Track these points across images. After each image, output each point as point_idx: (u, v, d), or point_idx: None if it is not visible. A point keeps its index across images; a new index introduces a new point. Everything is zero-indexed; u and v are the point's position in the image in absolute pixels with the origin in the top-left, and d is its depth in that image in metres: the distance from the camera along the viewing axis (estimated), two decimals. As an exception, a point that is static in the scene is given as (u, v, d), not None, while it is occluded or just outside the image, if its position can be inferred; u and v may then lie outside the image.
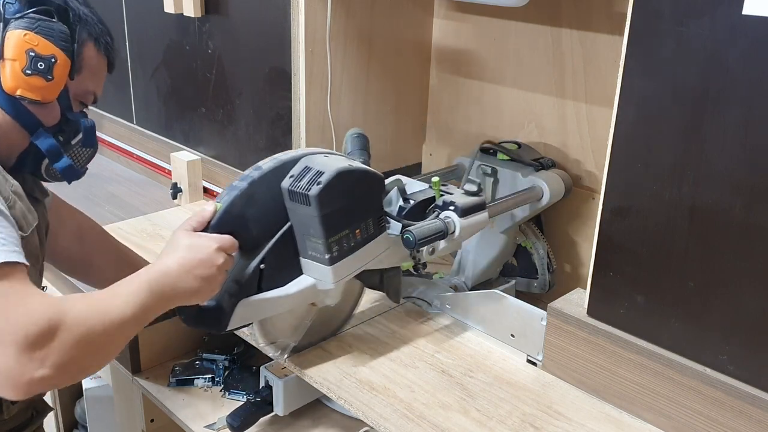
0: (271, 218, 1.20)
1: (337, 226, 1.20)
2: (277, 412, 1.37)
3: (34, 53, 1.07)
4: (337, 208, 1.19)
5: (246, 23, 1.85)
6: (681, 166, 1.09)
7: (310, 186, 1.16)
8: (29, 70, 1.07)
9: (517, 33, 1.75)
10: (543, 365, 1.35)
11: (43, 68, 1.08)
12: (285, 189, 1.19)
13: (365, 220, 1.26)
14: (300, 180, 1.18)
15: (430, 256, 1.36)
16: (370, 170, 1.27)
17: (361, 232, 1.25)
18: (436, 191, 1.40)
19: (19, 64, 1.06)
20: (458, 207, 1.35)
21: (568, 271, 1.75)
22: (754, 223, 1.03)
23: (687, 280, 1.12)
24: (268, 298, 1.21)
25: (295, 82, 1.75)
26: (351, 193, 1.22)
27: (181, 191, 2.10)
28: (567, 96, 1.68)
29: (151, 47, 2.21)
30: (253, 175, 1.19)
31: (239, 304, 1.17)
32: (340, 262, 1.23)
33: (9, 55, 1.06)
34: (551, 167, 1.64)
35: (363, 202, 1.26)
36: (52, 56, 1.09)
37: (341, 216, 1.21)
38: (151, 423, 1.61)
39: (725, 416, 1.11)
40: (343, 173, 1.19)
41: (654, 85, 1.09)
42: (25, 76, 1.07)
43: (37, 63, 1.07)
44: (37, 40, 1.07)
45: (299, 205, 1.18)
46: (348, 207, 1.22)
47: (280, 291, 1.22)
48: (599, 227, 1.22)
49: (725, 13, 0.99)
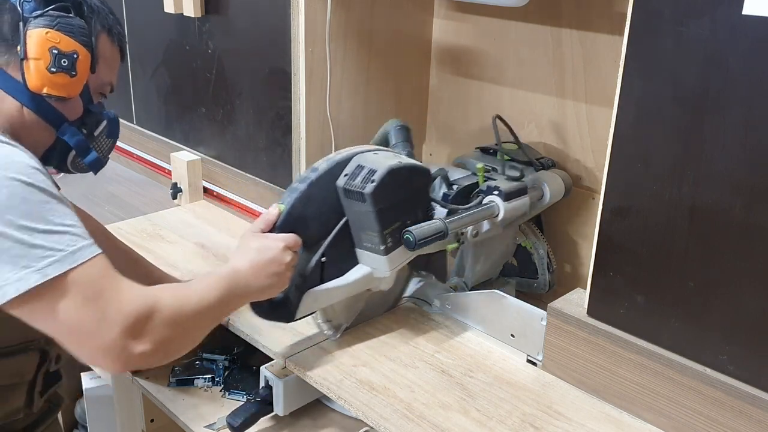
0: (328, 215, 1.31)
1: (390, 219, 1.30)
2: (277, 412, 1.37)
3: (57, 51, 1.08)
4: (389, 203, 1.29)
5: (246, 23, 1.85)
6: (681, 166, 1.09)
7: (364, 184, 1.26)
8: (54, 68, 1.08)
9: (517, 33, 1.74)
10: (543, 365, 1.35)
11: (67, 65, 1.09)
12: (340, 187, 1.29)
13: (415, 211, 1.37)
14: (354, 179, 1.28)
15: (474, 238, 1.47)
16: (417, 165, 1.37)
17: (412, 222, 1.34)
18: (480, 177, 1.49)
19: (44, 63, 1.08)
20: (502, 191, 1.45)
21: (568, 271, 1.75)
22: (754, 223, 1.03)
23: (687, 280, 1.12)
24: (330, 288, 1.32)
25: (295, 82, 1.75)
26: (402, 187, 1.31)
27: (181, 191, 2.10)
28: (567, 96, 1.68)
29: (151, 47, 2.21)
30: (310, 177, 1.29)
31: (305, 295, 1.29)
32: (394, 252, 1.33)
33: (33, 54, 1.07)
34: (551, 167, 1.64)
35: (412, 194, 1.36)
36: (74, 52, 1.10)
37: (393, 209, 1.31)
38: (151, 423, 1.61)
39: (725, 416, 1.11)
40: (394, 170, 1.28)
41: (654, 85, 1.09)
42: (50, 74, 1.08)
43: (61, 60, 1.09)
44: (59, 38, 1.08)
45: (354, 201, 1.28)
46: (399, 200, 1.32)
47: (340, 281, 1.33)
48: (599, 227, 1.22)
49: (725, 13, 0.99)
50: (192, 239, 1.88)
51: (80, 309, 0.95)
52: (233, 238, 1.89)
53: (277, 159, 1.86)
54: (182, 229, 1.94)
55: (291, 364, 1.34)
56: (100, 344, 0.96)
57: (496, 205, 1.45)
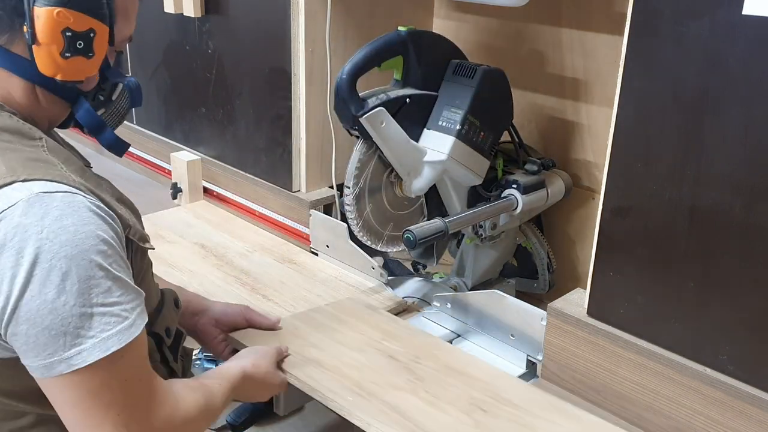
0: (430, 74, 1.46)
1: (478, 111, 1.44)
2: (277, 412, 1.37)
3: (71, 32, 0.91)
4: (487, 96, 1.45)
5: (246, 23, 1.85)
6: (681, 166, 1.09)
7: (478, 66, 1.45)
8: (68, 53, 0.92)
9: (517, 33, 1.74)
10: (543, 365, 1.35)
11: (83, 47, 0.93)
12: (454, 63, 1.47)
13: (490, 133, 1.49)
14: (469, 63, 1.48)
15: (492, 231, 1.54)
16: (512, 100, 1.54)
17: (485, 137, 1.48)
18: (500, 170, 1.54)
19: (57, 48, 0.91)
20: (520, 185, 1.51)
21: (568, 271, 1.75)
22: (754, 223, 1.03)
23: (687, 279, 1.12)
24: (397, 127, 1.42)
25: (295, 82, 1.75)
26: (500, 97, 1.49)
27: (181, 191, 2.10)
28: (567, 96, 1.68)
29: (151, 47, 2.21)
30: None
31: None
32: (462, 144, 1.44)
33: (43, 39, 0.90)
34: (551, 167, 1.64)
35: (499, 114, 1.51)
36: (90, 31, 0.93)
37: (485, 107, 1.45)
38: (151, 423, 1.61)
39: (725, 416, 1.11)
40: (504, 75, 1.49)
41: (654, 85, 1.09)
42: (65, 60, 0.92)
43: (76, 43, 0.92)
44: (71, 16, 0.91)
45: (462, 77, 1.45)
46: (491, 107, 1.47)
47: (403, 132, 1.44)
48: (599, 227, 1.22)
49: (725, 13, 0.99)
50: (192, 239, 1.88)
51: (107, 409, 0.88)
52: (233, 238, 1.90)
53: (277, 159, 1.86)
54: (182, 229, 1.94)
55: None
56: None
57: (515, 198, 1.50)
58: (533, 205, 1.56)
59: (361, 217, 1.49)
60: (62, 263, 0.83)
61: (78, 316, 0.84)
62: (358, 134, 1.43)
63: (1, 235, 0.83)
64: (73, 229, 0.84)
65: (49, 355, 0.84)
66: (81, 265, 0.84)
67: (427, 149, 1.45)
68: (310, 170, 1.83)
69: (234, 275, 1.69)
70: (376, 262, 1.64)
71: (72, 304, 0.84)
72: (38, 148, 0.93)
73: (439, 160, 1.44)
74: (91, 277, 0.85)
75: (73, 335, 0.84)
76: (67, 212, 0.85)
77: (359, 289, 1.63)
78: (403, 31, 1.42)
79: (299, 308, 1.45)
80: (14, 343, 0.85)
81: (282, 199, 1.87)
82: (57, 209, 0.85)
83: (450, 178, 1.51)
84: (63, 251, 0.83)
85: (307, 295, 1.61)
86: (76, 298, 0.84)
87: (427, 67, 1.46)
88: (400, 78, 1.45)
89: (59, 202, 0.85)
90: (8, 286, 0.82)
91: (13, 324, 0.83)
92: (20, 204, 0.84)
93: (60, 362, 0.84)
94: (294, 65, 1.73)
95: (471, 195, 1.57)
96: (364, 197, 1.49)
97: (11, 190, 0.85)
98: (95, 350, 0.85)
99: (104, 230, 0.88)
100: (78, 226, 0.85)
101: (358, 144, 1.46)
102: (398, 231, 1.54)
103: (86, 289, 0.84)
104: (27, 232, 0.83)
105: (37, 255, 0.82)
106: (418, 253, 1.63)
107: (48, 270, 0.82)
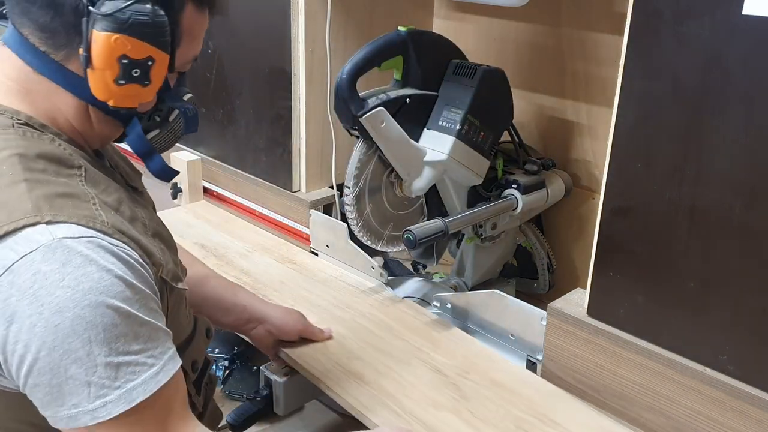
0: (430, 73, 1.46)
1: (478, 111, 1.44)
2: (277, 412, 1.37)
3: (127, 60, 0.87)
4: (487, 96, 1.45)
5: (246, 23, 1.85)
6: (681, 166, 1.09)
7: (478, 65, 1.45)
8: (123, 80, 0.87)
9: (517, 33, 1.75)
10: (543, 365, 1.35)
11: (139, 75, 0.88)
12: (454, 63, 1.46)
13: (490, 133, 1.50)
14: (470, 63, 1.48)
15: (492, 231, 1.55)
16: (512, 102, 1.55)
17: (485, 137, 1.48)
18: (500, 170, 1.55)
19: (111, 75, 0.87)
20: (521, 185, 1.52)
21: (568, 271, 1.75)
22: (754, 223, 1.03)
23: (687, 279, 1.12)
24: (397, 127, 1.42)
25: (295, 82, 1.75)
26: (500, 97, 1.49)
27: (181, 191, 2.10)
28: (567, 96, 1.68)
29: (151, 47, 2.21)
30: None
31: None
32: (462, 144, 1.44)
33: (98, 65, 0.86)
34: (551, 167, 1.64)
35: (499, 114, 1.51)
36: (148, 59, 0.88)
37: (485, 107, 1.46)
38: (151, 423, 1.61)
39: (725, 416, 1.11)
40: (503, 74, 1.49)
41: (654, 85, 1.09)
42: (118, 87, 0.88)
43: (132, 70, 0.88)
44: (129, 43, 0.86)
45: (462, 77, 1.45)
46: (491, 107, 1.48)
47: (403, 132, 1.44)
48: (599, 227, 1.22)
49: (725, 13, 0.99)
50: (192, 239, 1.88)
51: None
52: (233, 238, 1.90)
53: (277, 159, 1.86)
54: (182, 229, 1.94)
55: (282, 352, 1.33)
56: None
57: (515, 198, 1.51)
58: (533, 205, 1.56)
59: (361, 217, 1.49)
60: (86, 312, 0.79)
61: (103, 366, 0.81)
62: (358, 134, 1.43)
63: (20, 281, 0.79)
64: (98, 276, 0.81)
65: (74, 406, 0.81)
66: (106, 313, 0.81)
67: (427, 149, 1.45)
68: (310, 170, 1.83)
69: (234, 275, 1.68)
70: (376, 262, 1.64)
71: (96, 354, 0.80)
72: (74, 177, 0.89)
73: (439, 160, 1.44)
74: (116, 325, 0.81)
75: (98, 386, 0.81)
76: (91, 258, 0.81)
77: (359, 289, 1.63)
78: (403, 31, 1.43)
79: (299, 308, 1.45)
80: (36, 394, 0.82)
81: (282, 199, 1.87)
82: (80, 256, 0.81)
83: (450, 178, 1.51)
84: (86, 300, 0.79)
85: (307, 295, 1.61)
86: (100, 348, 0.80)
87: (427, 67, 1.46)
88: (400, 78, 1.45)
89: (83, 247, 0.81)
90: (27, 335, 0.79)
91: (34, 374, 0.80)
92: (41, 249, 0.80)
93: (85, 413, 0.81)
94: (294, 65, 1.73)
95: (471, 195, 1.57)
96: (364, 197, 1.49)
97: (33, 232, 0.81)
98: (120, 402, 0.82)
99: (130, 275, 0.84)
100: (102, 273, 0.81)
101: (358, 144, 1.46)
102: (398, 231, 1.54)
103: (112, 338, 0.81)
104: (47, 280, 0.79)
105: (58, 304, 0.78)
106: (418, 253, 1.63)
107: (71, 320, 0.79)
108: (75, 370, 0.80)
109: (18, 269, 0.79)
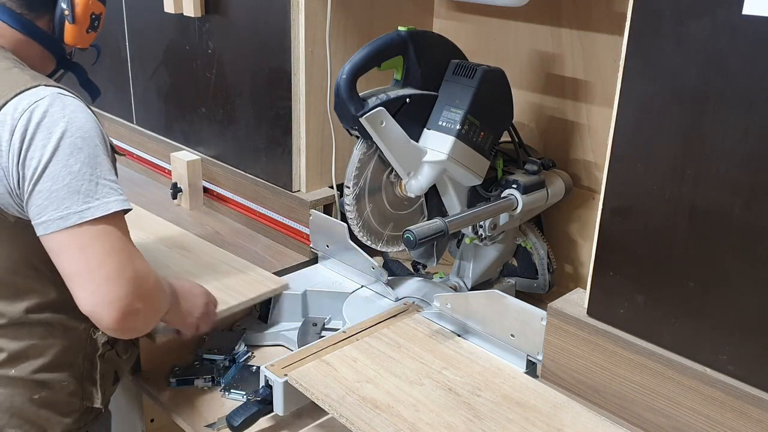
0: (430, 73, 1.46)
1: (478, 111, 1.44)
2: (277, 412, 1.37)
3: (94, 15, 1.28)
4: (487, 96, 1.45)
5: (246, 23, 1.85)
6: (681, 166, 1.09)
7: (478, 65, 1.45)
8: (90, 29, 1.28)
9: (517, 33, 1.75)
10: (543, 365, 1.35)
11: (96, 25, 1.29)
12: (454, 63, 1.47)
13: (490, 133, 1.49)
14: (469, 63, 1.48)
15: (492, 231, 1.55)
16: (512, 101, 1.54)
17: (485, 137, 1.48)
18: (499, 170, 1.55)
19: (84, 26, 1.27)
20: (520, 185, 1.52)
21: (568, 271, 1.75)
22: (754, 223, 1.03)
23: (687, 280, 1.12)
24: (397, 127, 1.42)
25: (295, 82, 1.75)
26: (500, 97, 1.49)
27: (181, 191, 2.10)
28: (567, 95, 1.69)
29: (151, 47, 2.21)
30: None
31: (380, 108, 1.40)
32: (462, 144, 1.44)
33: (79, 20, 1.26)
34: (551, 167, 1.64)
35: (499, 115, 1.52)
36: (101, 13, 1.30)
37: (485, 107, 1.45)
38: (151, 423, 1.61)
39: (725, 416, 1.11)
40: (504, 74, 1.49)
41: (654, 85, 1.09)
42: (85, 34, 1.28)
43: (94, 22, 1.29)
44: (95, 2, 1.27)
45: (462, 77, 1.45)
46: (491, 107, 1.47)
47: (403, 132, 1.44)
48: (599, 227, 1.22)
49: (725, 13, 0.99)
50: (192, 239, 1.88)
51: (105, 256, 1.10)
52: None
53: (277, 159, 1.86)
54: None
55: (292, 379, 1.32)
56: (110, 292, 1.10)
57: (515, 198, 1.51)
58: (533, 205, 1.56)
59: (361, 217, 1.49)
60: (79, 141, 1.11)
61: (88, 181, 1.11)
62: (358, 134, 1.43)
63: (36, 117, 1.10)
64: (84, 119, 1.14)
65: (66, 208, 1.09)
66: (91, 145, 1.13)
67: (427, 149, 1.45)
68: (310, 170, 1.83)
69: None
70: (376, 262, 1.64)
71: (85, 171, 1.11)
72: (44, 77, 1.21)
73: (439, 160, 1.44)
74: (98, 155, 1.13)
75: (84, 194, 1.10)
76: (79, 109, 1.14)
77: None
78: (403, 31, 1.43)
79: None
80: (36, 201, 1.10)
81: (282, 199, 1.87)
82: (72, 105, 1.14)
83: (450, 178, 1.51)
84: (79, 133, 1.12)
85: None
86: (88, 168, 1.11)
87: (427, 67, 1.46)
88: (400, 78, 1.45)
89: (71, 101, 1.15)
90: (40, 152, 1.09)
91: (42, 181, 1.09)
92: (47, 98, 1.12)
93: (73, 214, 1.09)
94: (294, 65, 1.73)
95: (471, 195, 1.57)
96: (364, 197, 1.49)
97: (37, 89, 1.14)
98: (100, 209, 1.10)
99: (101, 128, 1.17)
100: (86, 119, 1.14)
101: (358, 144, 1.46)
102: (398, 231, 1.54)
103: (95, 163, 1.12)
104: (54, 117, 1.11)
105: (63, 132, 1.10)
106: (418, 253, 1.63)
107: (70, 144, 1.10)
108: (69, 180, 1.09)
109: (34, 109, 1.11)
